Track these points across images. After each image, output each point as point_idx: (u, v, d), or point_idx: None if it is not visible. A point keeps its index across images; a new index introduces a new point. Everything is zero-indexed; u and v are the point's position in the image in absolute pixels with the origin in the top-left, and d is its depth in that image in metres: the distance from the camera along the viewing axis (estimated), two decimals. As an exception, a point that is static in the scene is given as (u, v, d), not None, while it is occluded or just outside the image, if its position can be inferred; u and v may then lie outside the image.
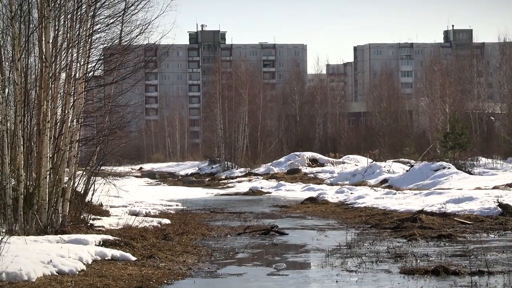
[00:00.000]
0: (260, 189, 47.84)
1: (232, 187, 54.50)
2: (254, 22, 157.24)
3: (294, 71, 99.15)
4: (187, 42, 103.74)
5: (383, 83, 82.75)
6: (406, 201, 31.43)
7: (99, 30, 22.29)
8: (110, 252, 16.28)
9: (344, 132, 76.84)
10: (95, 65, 22.93)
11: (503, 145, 56.79)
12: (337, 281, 13.90)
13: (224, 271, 16.13)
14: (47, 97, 19.64)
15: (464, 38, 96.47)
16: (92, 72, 22.83)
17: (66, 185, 21.28)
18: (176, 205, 34.55)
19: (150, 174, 72.64)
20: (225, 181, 60.78)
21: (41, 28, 19.68)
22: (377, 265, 16.13)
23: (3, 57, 19.76)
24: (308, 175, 56.97)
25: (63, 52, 20.73)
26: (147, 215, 28.43)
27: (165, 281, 14.15)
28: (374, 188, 41.85)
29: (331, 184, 48.31)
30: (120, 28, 22.60)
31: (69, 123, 20.97)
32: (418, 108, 73.66)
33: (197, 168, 73.84)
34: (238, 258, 18.33)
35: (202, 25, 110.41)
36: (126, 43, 22.99)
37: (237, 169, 68.14)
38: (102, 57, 23.82)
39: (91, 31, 21.55)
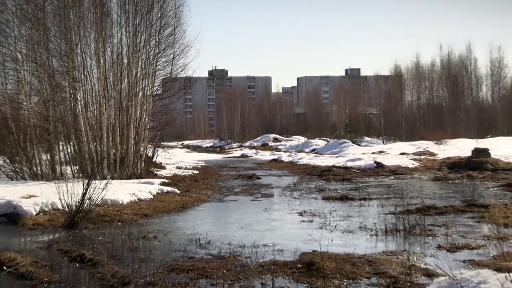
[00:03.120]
0: (247, 155, 66.25)
1: (231, 153, 74.34)
2: (243, 64, 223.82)
3: (265, 91, 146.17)
4: (206, 75, 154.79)
5: (312, 97, 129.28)
6: (325, 161, 44.71)
7: (159, 69, 31.13)
8: (165, 188, 23.47)
9: (291, 123, 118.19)
10: (157, 88, 32.87)
11: (377, 130, 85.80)
12: (288, 203, 20.35)
13: (227, 198, 22.98)
14: (132, 105, 29.04)
15: (356, 73, 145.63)
16: (156, 92, 32.56)
17: (142, 153, 30.56)
18: (201, 163, 47.76)
19: (187, 147, 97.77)
20: (228, 150, 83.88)
21: (128, 68, 29.03)
22: (309, 195, 23.07)
23: (108, 83, 28.04)
24: (272, 147, 79.37)
25: (140, 81, 29.80)
26: (185, 168, 38.83)
27: (196, 204, 20.67)
28: (308, 153, 59.77)
29: (285, 152, 67.24)
30: (170, 68, 31.52)
31: (143, 119, 30.21)
32: (331, 111, 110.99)
33: (213, 143, 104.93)
34: (234, 191, 25.42)
35: (215, 66, 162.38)
36: (174, 76, 32.42)
37: (234, 144, 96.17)
38: (161, 83, 33.15)
39: (155, 70, 30.55)
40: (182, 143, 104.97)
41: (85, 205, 15.89)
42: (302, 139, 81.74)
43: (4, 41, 28.25)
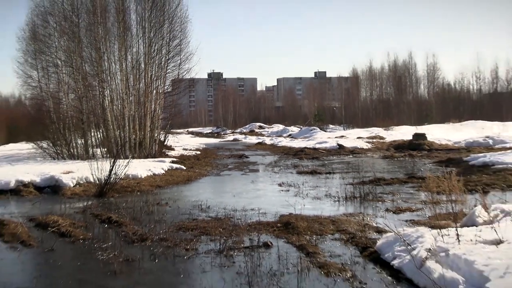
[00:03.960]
0: (238, 139, 62.71)
1: (226, 138, 69.67)
2: (235, 67, 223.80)
3: (252, 89, 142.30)
4: (206, 77, 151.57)
5: (288, 94, 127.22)
6: (299, 143, 42.80)
7: (169, 72, 31.01)
8: (174, 165, 23.29)
9: (272, 114, 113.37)
10: (167, 87, 32.34)
11: (339, 119, 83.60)
12: (270, 177, 20.32)
13: (222, 173, 22.73)
14: (148, 100, 29.08)
15: (322, 74, 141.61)
16: (166, 90, 32.07)
17: (156, 137, 30.24)
18: (202, 146, 45.64)
19: (191, 133, 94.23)
20: (223, 135, 78.80)
21: (145, 71, 28.94)
22: (286, 170, 22.88)
23: (129, 84, 28.15)
24: (258, 133, 75.95)
25: (154, 81, 29.70)
26: (190, 150, 37.84)
27: (198, 178, 20.68)
28: (285, 138, 57.01)
29: (267, 136, 64.22)
30: (178, 71, 31.32)
31: (157, 111, 29.94)
32: (303, 104, 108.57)
33: (211, 130, 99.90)
34: (228, 167, 25.10)
35: (213, 70, 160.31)
36: (180, 77, 32.24)
37: (228, 130, 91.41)
38: (170, 83, 32.68)
39: (166, 72, 30.60)
40: (187, 130, 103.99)
41: (112, 178, 15.98)
42: (281, 127, 78.47)
43: (47, 50, 28.90)
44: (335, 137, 47.11)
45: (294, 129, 68.20)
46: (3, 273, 7.64)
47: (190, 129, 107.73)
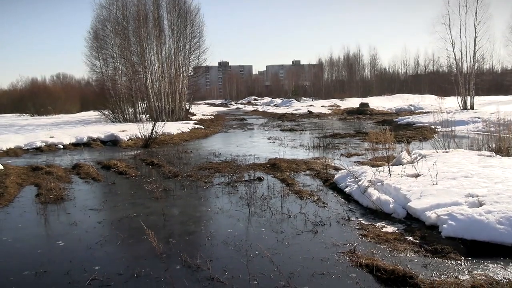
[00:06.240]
0: (239, 108, 60.54)
1: (231, 107, 66.60)
2: (238, 56, 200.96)
3: (249, 73, 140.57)
4: (217, 64, 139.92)
5: (274, 76, 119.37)
6: (282, 110, 42.00)
7: (191, 61, 29.95)
8: (196, 126, 23.00)
9: (263, 91, 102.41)
10: (191, 72, 31.15)
11: (309, 93, 75.38)
12: (261, 133, 20.15)
13: (229, 131, 22.50)
14: (177, 81, 28.20)
15: (298, 62, 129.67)
16: (190, 74, 30.91)
17: (183, 107, 29.39)
18: (215, 112, 43.28)
19: (208, 103, 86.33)
20: (229, 105, 73.86)
21: (174, 60, 28.15)
22: (273, 129, 22.75)
23: (164, 70, 27.50)
24: (253, 103, 70.87)
25: (181, 68, 28.80)
26: (207, 115, 36.44)
27: (212, 134, 20.55)
28: (272, 106, 53.24)
29: (260, 106, 59.58)
30: (197, 61, 30.32)
31: (183, 89, 28.85)
32: (285, 83, 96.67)
33: (221, 102, 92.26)
34: (233, 127, 24.85)
35: (222, 59, 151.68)
36: (199, 65, 31.22)
37: (232, 102, 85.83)
38: (192, 69, 31.58)
39: (189, 61, 29.70)
40: (205, 102, 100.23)
41: (153, 135, 16.02)
42: (269, 99, 74.12)
43: (106, 46, 28.42)
44: (306, 106, 46.51)
45: (278, 101, 66.27)
46: (81, 199, 7.68)
47: (207, 101, 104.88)
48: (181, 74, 28.93)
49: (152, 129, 15.96)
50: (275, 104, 59.52)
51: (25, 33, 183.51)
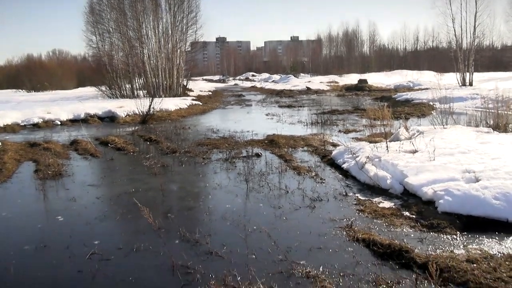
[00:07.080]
0: (237, 84, 59.94)
1: (229, 83, 65.72)
2: (236, 31, 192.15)
3: (247, 48, 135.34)
4: (214, 40, 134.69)
5: (272, 52, 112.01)
6: (280, 86, 40.90)
7: (188, 36, 29.41)
8: (194, 102, 22.93)
9: (261, 66, 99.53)
10: (188, 47, 30.48)
11: (307, 69, 72.82)
12: (260, 109, 20.11)
13: (227, 107, 22.34)
14: (174, 57, 27.74)
15: (296, 38, 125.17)
16: (187, 49, 30.26)
17: (180, 83, 29.06)
18: (213, 88, 42.72)
19: (205, 80, 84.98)
20: (227, 81, 72.24)
21: (171, 36, 27.52)
22: (271, 105, 22.55)
23: (161, 45, 26.98)
24: (251, 79, 70.73)
25: (178, 43, 28.12)
26: (204, 91, 35.62)
27: (210, 110, 20.35)
28: (270, 82, 52.07)
29: (258, 82, 59.90)
30: (195, 36, 29.77)
31: (181, 64, 28.57)
32: (283, 59, 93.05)
33: (219, 78, 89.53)
34: (231, 104, 24.45)
35: (220, 35, 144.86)
36: (197, 40, 30.61)
37: (230, 78, 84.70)
38: (190, 45, 30.81)
39: (187, 36, 29.19)
40: (202, 78, 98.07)
41: (151, 111, 15.94)
42: (267, 75, 73.49)
43: (102, 21, 27.78)
44: (305, 82, 46.03)
45: (276, 77, 65.24)
46: (80, 175, 7.67)
47: (204, 77, 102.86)
48: (179, 50, 28.47)
49: (150, 105, 15.85)
50: (273, 80, 58.62)
51: (20, 9, 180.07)
